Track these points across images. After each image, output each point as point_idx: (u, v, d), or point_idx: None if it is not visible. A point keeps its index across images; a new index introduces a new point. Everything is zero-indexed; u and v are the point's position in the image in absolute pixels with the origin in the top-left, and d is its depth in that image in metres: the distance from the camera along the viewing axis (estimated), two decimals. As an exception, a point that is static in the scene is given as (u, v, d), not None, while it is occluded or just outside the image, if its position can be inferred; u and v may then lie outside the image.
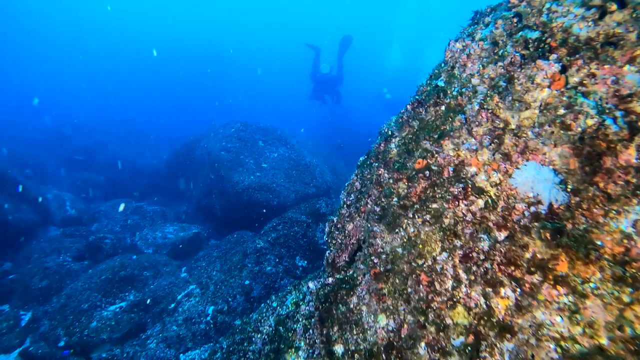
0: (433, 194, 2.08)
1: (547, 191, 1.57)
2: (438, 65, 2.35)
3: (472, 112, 1.94)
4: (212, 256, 7.82)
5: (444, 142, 2.07)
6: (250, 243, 6.88)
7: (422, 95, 2.31)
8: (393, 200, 2.29)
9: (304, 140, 11.66)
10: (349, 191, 2.84)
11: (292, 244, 6.55)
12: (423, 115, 2.25)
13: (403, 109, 2.52)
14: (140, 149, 13.56)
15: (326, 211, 6.95)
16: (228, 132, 10.77)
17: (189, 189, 10.79)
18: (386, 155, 2.47)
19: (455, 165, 2.01)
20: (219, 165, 9.80)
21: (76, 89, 25.94)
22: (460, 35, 2.22)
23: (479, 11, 2.20)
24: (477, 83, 1.98)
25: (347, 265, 2.78)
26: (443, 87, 2.18)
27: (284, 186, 9.19)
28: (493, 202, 1.84)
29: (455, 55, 2.19)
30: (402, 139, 2.38)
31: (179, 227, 8.73)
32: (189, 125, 17.21)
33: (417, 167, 2.19)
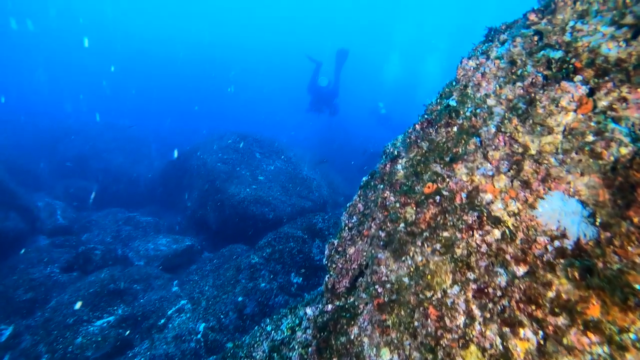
0: (444, 222, 1.92)
1: (575, 225, 1.42)
2: (449, 84, 2.22)
3: (488, 135, 1.80)
4: (205, 270, 7.58)
5: (456, 165, 1.92)
6: (245, 258, 6.66)
7: (432, 114, 2.17)
8: (400, 225, 2.13)
9: (302, 153, 11.52)
10: (351, 213, 2.68)
11: (287, 260, 6.34)
12: (433, 136, 2.10)
13: (410, 128, 2.37)
14: (136, 157, 13.32)
15: (323, 227, 6.76)
16: (225, 143, 10.60)
17: (183, 199, 10.56)
18: (392, 177, 2.31)
19: (468, 192, 1.85)
20: (215, 176, 9.61)
21: (75, 93, 25.61)
22: (474, 52, 2.09)
23: (494, 28, 2.08)
24: (493, 104, 1.83)
25: (348, 291, 2.59)
26: (455, 107, 2.04)
27: (280, 199, 9.00)
28: (511, 233, 1.68)
29: (468, 74, 2.05)
30: (410, 160, 2.23)
31: (172, 239, 8.49)
32: (186, 134, 17.04)
33: (427, 191, 2.03)
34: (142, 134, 15.92)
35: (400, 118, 21.26)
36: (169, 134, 18.04)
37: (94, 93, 25.15)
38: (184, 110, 25.35)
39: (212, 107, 27.46)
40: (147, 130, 17.57)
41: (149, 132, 17.26)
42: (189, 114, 23.98)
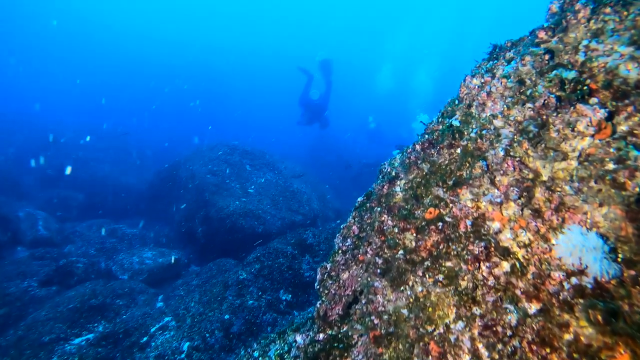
0: (447, 250, 1.76)
1: (597, 262, 1.27)
2: (451, 102, 2.09)
3: (496, 158, 1.66)
4: (191, 285, 7.29)
5: (460, 190, 1.77)
6: (233, 274, 6.41)
7: (434, 134, 2.03)
8: (398, 252, 1.96)
9: (293, 166, 11.35)
10: (345, 235, 2.51)
11: (276, 276, 6.11)
12: (435, 158, 1.96)
13: (409, 148, 2.23)
14: (124, 167, 13.00)
15: (313, 242, 6.57)
16: (215, 154, 10.39)
17: (171, 211, 10.27)
18: (390, 200, 2.16)
19: (474, 219, 1.70)
20: (204, 188, 9.37)
21: (67, 99, 25.03)
22: (478, 70, 1.97)
23: (498, 45, 1.96)
24: (501, 125, 1.70)
25: (341, 319, 2.41)
26: (459, 128, 1.90)
27: (270, 213, 8.79)
28: (522, 266, 1.53)
29: (472, 92, 1.92)
30: (409, 182, 2.08)
31: (158, 252, 8.18)
32: (176, 144, 16.73)
33: (428, 217, 1.88)
34: (132, 143, 15.62)
35: (391, 131, 21.25)
36: (160, 143, 17.71)
37: (88, 103, 24.68)
38: (175, 119, 24.92)
39: (205, 117, 27.06)
40: (137, 139, 17.28)
41: (139, 142, 16.97)
42: (181, 123, 23.60)
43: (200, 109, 28.07)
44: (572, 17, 1.55)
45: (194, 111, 28.17)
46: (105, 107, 22.53)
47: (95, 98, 23.90)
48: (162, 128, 21.64)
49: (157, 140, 18.77)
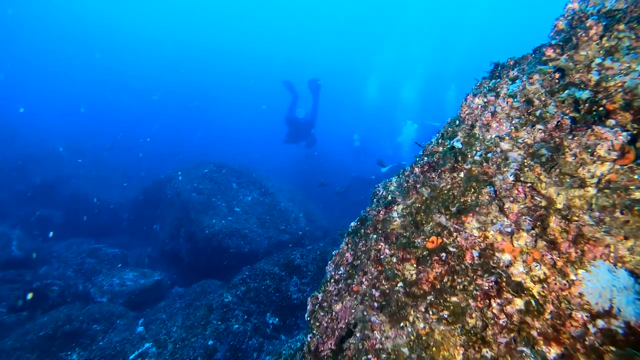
0: (452, 284, 1.59)
1: (631, 305, 1.11)
2: (451, 122, 1.95)
3: (505, 184, 1.51)
4: (174, 307, 6.92)
5: (465, 218, 1.61)
6: (217, 296, 6.09)
7: (434, 157, 1.88)
8: (397, 285, 1.78)
9: (280, 184, 11.13)
10: (338, 263, 2.31)
11: (263, 299, 5.82)
12: (436, 182, 1.80)
13: (407, 171, 2.07)
14: (107, 184, 12.56)
15: (301, 263, 6.32)
16: (200, 172, 10.11)
17: (154, 230, 9.88)
18: (386, 226, 1.98)
19: (481, 250, 1.54)
20: (189, 207, 9.06)
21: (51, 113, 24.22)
22: (479, 89, 1.84)
23: (500, 63, 1.84)
24: (509, 148, 1.56)
25: (334, 355, 2.19)
26: (461, 150, 1.75)
27: (256, 232, 8.51)
28: (537, 304, 1.36)
29: (474, 112, 1.79)
30: (408, 207, 1.91)
31: (140, 273, 7.78)
32: (163, 161, 16.31)
33: (430, 246, 1.71)
34: (116, 160, 15.20)
35: (376, 149, 21.20)
36: (145, 160, 17.26)
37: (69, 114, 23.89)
38: (161, 135, 24.27)
39: (192, 134, 26.46)
40: (121, 156, 16.84)
41: (123, 158, 16.54)
42: (168, 139, 23.02)
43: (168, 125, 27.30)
44: (583, 34, 1.44)
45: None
46: (85, 118, 21.73)
47: (75, 108, 23.07)
48: (143, 142, 21.07)
49: (144, 154, 18.31)
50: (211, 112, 35.26)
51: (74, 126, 19.84)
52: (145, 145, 19.40)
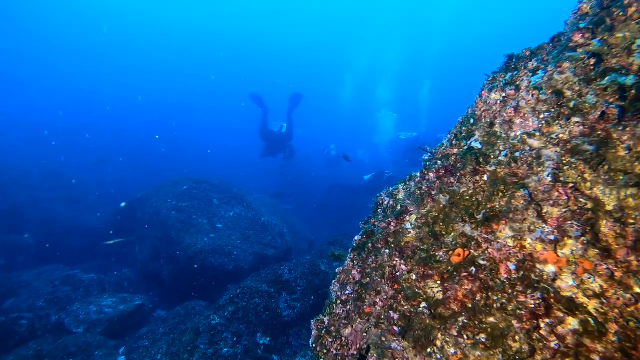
0: (487, 302, 1.36)
1: None
2: (464, 121, 1.75)
3: (542, 186, 1.30)
4: (157, 333, 6.42)
5: (496, 226, 1.39)
6: (204, 318, 5.67)
7: (448, 159, 1.67)
8: (420, 305, 1.54)
9: (261, 198, 10.78)
10: (344, 282, 2.05)
11: (252, 318, 5.45)
12: (455, 187, 1.58)
13: (416, 177, 1.85)
14: (81, 206, 11.80)
15: (289, 278, 5.99)
16: (179, 189, 9.64)
17: (133, 252, 9.29)
18: (399, 239, 1.74)
19: (518, 262, 1.32)
20: (169, 225, 8.58)
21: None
22: (494, 83, 1.65)
23: (515, 55, 1.67)
24: (540, 145, 1.36)
25: (345, 386, 1.92)
26: (482, 150, 1.55)
27: (240, 248, 8.12)
28: (597, 323, 1.15)
29: (492, 109, 1.59)
30: (423, 217, 1.68)
31: (119, 299, 7.21)
32: (141, 180, 15.57)
33: (455, 259, 1.48)
34: (91, 179, 14.39)
35: (352, 156, 20.98)
36: (122, 179, 16.44)
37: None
38: (138, 153, 23.12)
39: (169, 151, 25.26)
40: (97, 174, 16.00)
41: (99, 177, 15.71)
42: (145, 159, 21.97)
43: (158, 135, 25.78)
44: (619, 13, 1.28)
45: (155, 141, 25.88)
46: (47, 140, 20.36)
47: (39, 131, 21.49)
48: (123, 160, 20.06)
49: (117, 174, 17.47)
50: (177, 121, 33.50)
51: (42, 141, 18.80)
52: (118, 160, 18.43)
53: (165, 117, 32.28)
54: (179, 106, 36.52)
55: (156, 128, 27.33)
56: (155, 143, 23.98)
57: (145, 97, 36.38)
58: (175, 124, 31.42)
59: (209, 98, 40.44)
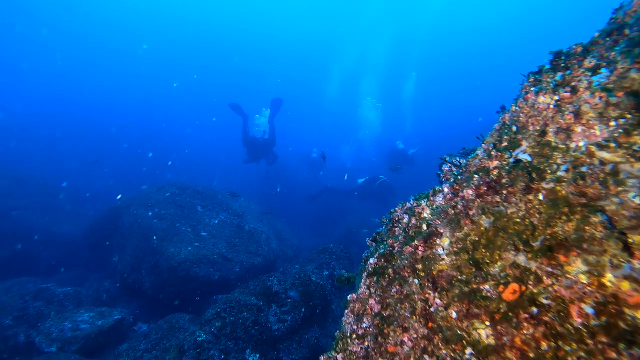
0: (557, 354, 1.08)
1: None
2: (503, 128, 1.47)
3: (626, 210, 1.04)
4: (138, 350, 5.92)
5: (564, 257, 1.12)
6: (189, 335, 5.23)
7: (489, 174, 1.39)
8: (465, 352, 1.24)
9: (247, 203, 10.35)
10: (359, 313, 1.74)
11: (240, 334, 5.05)
12: (501, 208, 1.30)
13: (446, 192, 1.57)
14: (56, 214, 11.04)
15: (279, 289, 5.63)
16: (162, 196, 9.11)
17: (113, 262, 8.69)
18: (431, 267, 1.45)
19: (597, 304, 1.04)
20: (151, 234, 8.05)
21: None
22: (541, 85, 1.38)
23: (564, 51, 1.40)
24: (617, 159, 1.09)
25: None
26: (534, 164, 1.28)
27: (226, 257, 7.68)
28: None
29: (542, 114, 1.32)
30: (460, 241, 1.40)
31: (97, 313, 6.65)
32: (117, 187, 14.77)
33: (509, 297, 1.19)
34: (67, 187, 13.56)
35: (334, 159, 20.61)
36: (103, 186, 15.57)
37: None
38: (120, 158, 21.87)
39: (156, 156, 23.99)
40: (75, 181, 15.13)
41: (77, 184, 14.84)
42: (129, 165, 20.84)
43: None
44: None
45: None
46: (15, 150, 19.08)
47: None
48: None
49: (97, 179, 16.57)
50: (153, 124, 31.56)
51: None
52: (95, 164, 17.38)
53: (145, 117, 30.85)
54: (158, 107, 35.19)
55: (134, 129, 25.97)
56: (138, 146, 22.87)
57: (124, 95, 34.61)
58: (164, 125, 30.07)
59: (192, 98, 39.11)
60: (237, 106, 13.67)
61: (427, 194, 1.76)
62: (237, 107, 13.66)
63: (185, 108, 36.83)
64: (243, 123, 13.54)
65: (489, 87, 35.32)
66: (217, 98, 29.77)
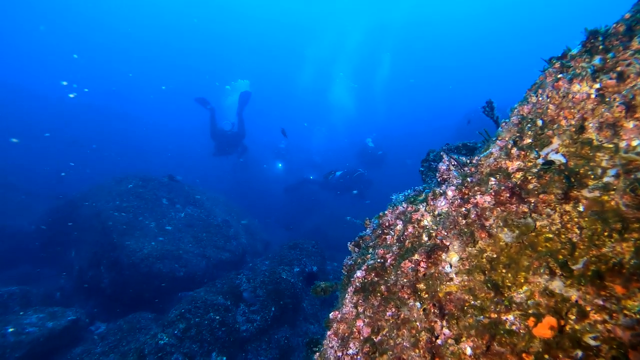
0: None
1: None
2: (523, 122, 1.19)
3: None
4: (94, 354, 5.34)
5: (620, 289, 0.85)
6: (150, 338, 4.74)
7: (511, 178, 1.11)
8: (487, 401, 0.96)
9: (215, 196, 9.79)
10: (345, 335, 1.42)
11: (206, 336, 4.63)
12: (529, 220, 1.03)
13: (450, 196, 1.28)
14: (6, 207, 9.98)
15: (247, 287, 5.25)
16: (124, 188, 8.39)
17: (69, 258, 7.90)
18: (435, 288, 1.16)
19: (665, 348, 0.79)
20: (111, 228, 7.37)
21: None
22: (574, 71, 1.11)
23: (601, 31, 1.13)
24: (687, 165, 0.84)
25: None
26: (570, 167, 1.01)
27: (192, 252, 7.17)
28: None
29: (579, 106, 1.05)
30: (473, 258, 1.11)
31: (47, 314, 5.95)
32: (74, 178, 13.57)
33: (544, 334, 0.92)
34: (20, 178, 12.33)
35: (302, 150, 20.12)
36: (57, 176, 14.26)
37: None
38: (79, 150, 20.02)
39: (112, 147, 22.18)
40: (31, 173, 13.81)
41: (33, 176, 13.55)
42: (87, 155, 19.14)
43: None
44: None
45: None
46: None
47: None
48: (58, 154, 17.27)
49: (50, 169, 15.14)
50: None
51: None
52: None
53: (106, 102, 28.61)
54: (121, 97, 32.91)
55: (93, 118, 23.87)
56: (95, 136, 21.06)
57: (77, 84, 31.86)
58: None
59: (159, 94, 36.93)
60: (203, 99, 13.09)
61: (425, 196, 1.47)
62: (203, 100, 13.08)
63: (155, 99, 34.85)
64: (210, 116, 12.97)
65: (462, 84, 35.88)
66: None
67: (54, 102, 22.49)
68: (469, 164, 1.39)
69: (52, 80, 26.95)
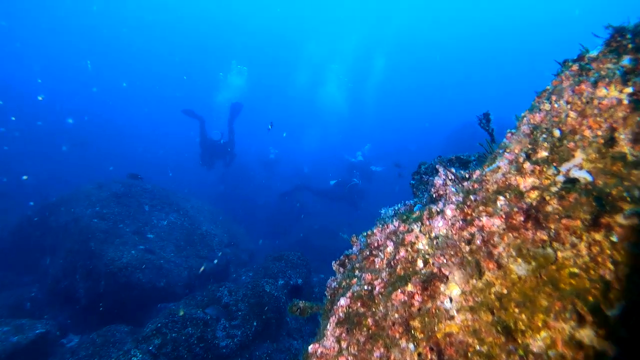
0: None
1: None
2: (535, 131, 1.01)
3: None
4: (62, 370, 4.96)
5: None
6: (123, 355, 4.39)
7: (524, 198, 0.92)
8: None
9: (200, 204, 9.45)
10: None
11: (183, 353, 4.31)
12: (548, 250, 0.83)
13: (450, 216, 1.08)
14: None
15: (229, 301, 4.95)
16: (104, 194, 8.00)
17: (43, 265, 7.45)
18: (432, 327, 0.95)
19: None
20: (89, 235, 6.98)
21: None
22: (597, 73, 0.94)
23: (629, 28, 0.96)
24: None
25: None
26: (598, 187, 0.82)
27: (174, 262, 6.82)
28: None
29: (607, 114, 0.87)
30: (477, 293, 0.91)
31: (13, 327, 5.51)
32: (53, 183, 12.94)
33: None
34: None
35: (291, 162, 19.81)
36: (32, 180, 13.51)
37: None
38: (56, 153, 18.94)
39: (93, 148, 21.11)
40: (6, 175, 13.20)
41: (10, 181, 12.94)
42: (62, 158, 18.16)
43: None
44: None
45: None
46: None
47: None
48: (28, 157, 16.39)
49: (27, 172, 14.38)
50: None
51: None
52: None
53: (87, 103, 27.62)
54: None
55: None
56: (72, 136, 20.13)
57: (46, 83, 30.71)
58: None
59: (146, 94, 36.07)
60: (191, 111, 12.92)
61: (420, 214, 1.27)
62: (190, 112, 12.90)
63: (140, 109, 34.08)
64: (200, 126, 12.77)
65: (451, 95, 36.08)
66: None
67: (29, 102, 21.66)
68: (468, 178, 1.20)
69: (28, 79, 26.06)
